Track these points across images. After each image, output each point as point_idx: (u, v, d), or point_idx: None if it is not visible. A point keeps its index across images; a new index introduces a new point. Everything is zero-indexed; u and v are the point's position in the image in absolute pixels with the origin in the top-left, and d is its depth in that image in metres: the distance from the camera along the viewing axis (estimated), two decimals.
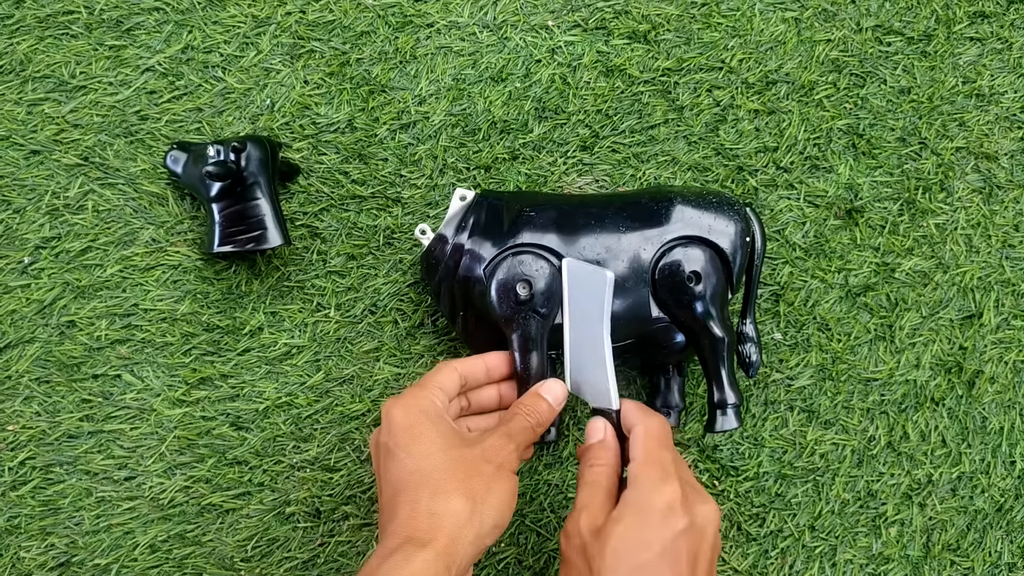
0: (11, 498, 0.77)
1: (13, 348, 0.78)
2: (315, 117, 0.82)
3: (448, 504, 0.58)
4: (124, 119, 0.80)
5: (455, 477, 0.60)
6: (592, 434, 0.66)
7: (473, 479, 0.60)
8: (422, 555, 0.56)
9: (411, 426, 0.62)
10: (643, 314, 0.72)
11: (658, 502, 0.59)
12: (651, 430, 0.63)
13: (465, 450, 0.62)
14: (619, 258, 0.72)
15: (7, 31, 0.80)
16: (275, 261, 0.80)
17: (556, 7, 0.85)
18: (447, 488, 0.59)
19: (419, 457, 0.60)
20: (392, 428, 0.62)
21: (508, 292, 0.71)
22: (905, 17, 0.88)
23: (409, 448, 0.61)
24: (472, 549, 0.59)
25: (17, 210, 0.79)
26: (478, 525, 0.59)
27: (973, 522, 0.83)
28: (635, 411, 0.65)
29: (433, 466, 0.60)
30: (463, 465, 0.61)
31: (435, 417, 0.63)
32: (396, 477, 0.60)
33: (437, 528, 0.58)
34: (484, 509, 0.59)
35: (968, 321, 0.85)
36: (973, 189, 0.87)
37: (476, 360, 0.70)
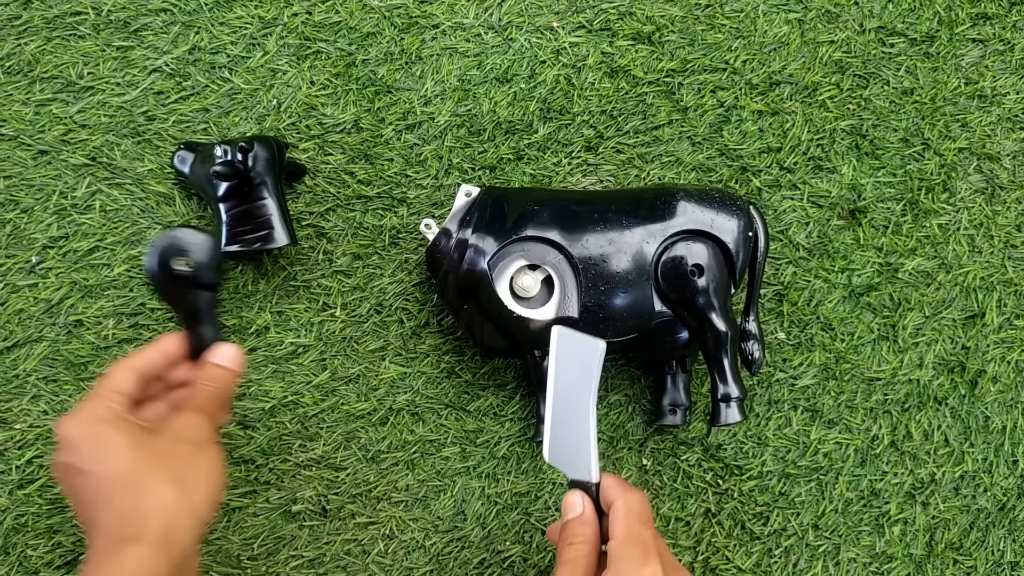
0: (18, 496, 0.77)
1: (21, 347, 0.78)
2: (321, 117, 0.82)
3: (154, 496, 0.57)
4: (131, 119, 0.81)
5: (154, 468, 0.58)
6: (570, 509, 0.63)
7: (173, 464, 0.59)
8: (134, 550, 0.55)
9: (90, 437, 0.59)
10: (646, 309, 0.72)
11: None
12: (632, 507, 0.61)
13: (156, 440, 0.60)
14: (622, 252, 0.72)
15: (15, 32, 0.80)
16: (281, 261, 0.81)
17: (561, 8, 0.85)
18: (149, 482, 0.58)
19: (109, 463, 0.58)
20: (71, 446, 0.59)
21: (165, 274, 0.68)
22: (908, 19, 0.88)
23: (96, 458, 0.58)
24: (191, 530, 0.58)
25: (25, 210, 0.79)
26: (192, 505, 0.58)
27: (976, 521, 0.83)
28: (616, 486, 0.63)
29: (126, 467, 0.58)
30: (158, 454, 0.59)
31: (114, 420, 0.60)
32: (92, 491, 0.58)
33: (147, 522, 0.56)
34: (193, 489, 0.59)
35: (971, 321, 0.86)
36: (976, 190, 0.87)
37: (148, 351, 0.66)
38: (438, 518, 0.80)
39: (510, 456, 0.81)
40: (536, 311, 0.73)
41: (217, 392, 0.66)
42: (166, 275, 0.67)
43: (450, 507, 0.80)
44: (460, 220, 0.75)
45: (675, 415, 0.79)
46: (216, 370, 0.67)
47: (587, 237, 0.73)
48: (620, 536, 0.60)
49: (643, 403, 0.83)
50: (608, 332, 0.73)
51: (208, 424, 0.64)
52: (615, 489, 0.63)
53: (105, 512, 0.57)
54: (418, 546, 0.80)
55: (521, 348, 0.76)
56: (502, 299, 0.72)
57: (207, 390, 0.65)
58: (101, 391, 0.62)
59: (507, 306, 0.72)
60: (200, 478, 0.60)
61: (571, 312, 0.72)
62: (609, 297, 0.72)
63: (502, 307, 0.72)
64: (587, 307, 0.72)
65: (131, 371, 0.64)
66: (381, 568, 0.79)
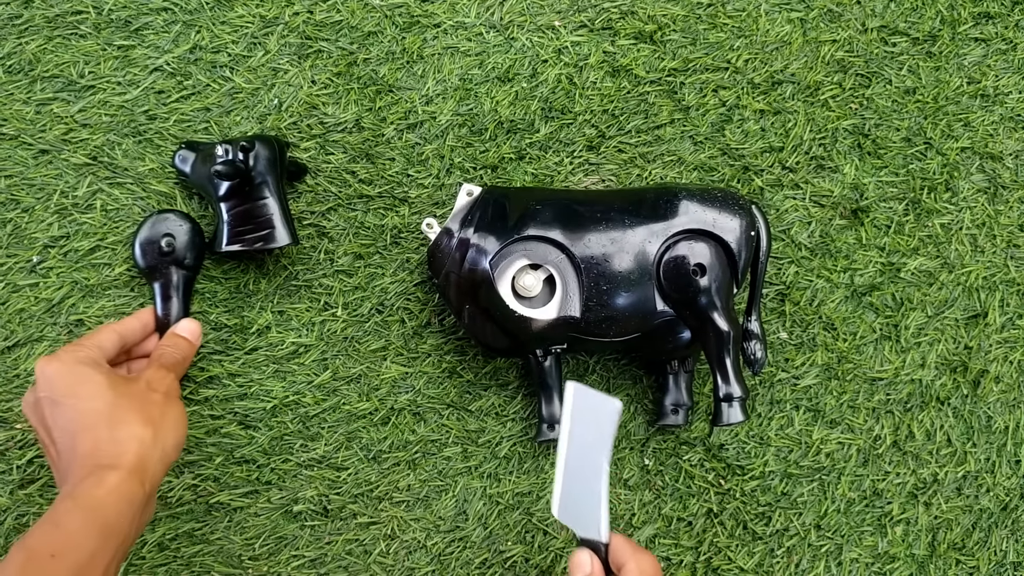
0: (19, 496, 0.77)
1: (22, 347, 0.78)
2: (323, 117, 0.82)
3: (131, 430, 0.63)
4: (132, 119, 0.81)
5: (131, 408, 0.65)
6: (578, 568, 0.63)
7: (147, 407, 0.65)
8: (113, 475, 0.61)
9: (71, 373, 0.65)
10: (648, 308, 0.72)
11: None
12: (644, 570, 0.62)
13: (132, 385, 0.67)
14: (624, 251, 0.72)
15: (16, 31, 0.80)
16: (283, 260, 0.81)
17: (562, 8, 0.85)
18: (126, 418, 0.64)
19: (88, 399, 0.64)
20: (51, 381, 0.65)
21: (150, 247, 0.77)
22: (910, 18, 0.88)
23: (76, 392, 0.64)
24: (160, 467, 0.64)
25: (26, 209, 0.79)
26: (162, 446, 0.64)
27: (978, 521, 0.83)
28: (626, 547, 0.63)
29: (105, 403, 0.64)
30: (135, 397, 0.66)
31: (94, 364, 0.67)
32: (69, 421, 0.64)
33: (124, 452, 0.62)
34: (164, 432, 0.65)
35: (973, 321, 0.85)
36: (978, 189, 0.87)
37: (130, 320, 0.75)
38: (440, 518, 0.80)
39: (512, 456, 0.81)
40: (538, 311, 0.73)
41: (180, 358, 0.73)
42: (151, 249, 0.77)
43: (452, 507, 0.80)
44: (462, 219, 0.75)
45: (677, 415, 0.79)
46: (179, 339, 0.75)
47: (589, 236, 0.72)
48: None
49: (645, 403, 0.82)
50: (610, 331, 0.73)
51: (175, 381, 0.71)
52: (625, 551, 0.63)
53: (83, 441, 0.63)
54: (420, 546, 0.80)
55: (523, 348, 0.76)
56: (504, 298, 0.72)
57: (172, 353, 0.73)
58: (84, 342, 0.69)
59: (509, 305, 0.72)
60: (169, 423, 0.66)
61: (573, 312, 0.72)
62: (611, 296, 0.72)
63: (504, 306, 0.72)
64: (589, 306, 0.72)
65: (114, 333, 0.72)
66: (383, 568, 0.79)
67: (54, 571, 0.57)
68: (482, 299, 0.73)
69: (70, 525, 0.58)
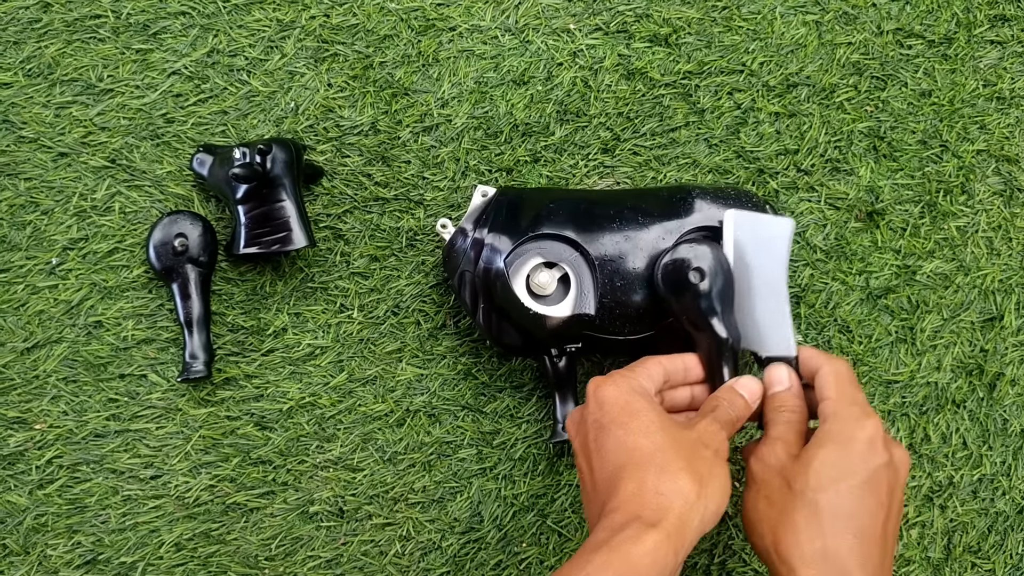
0: (38, 496, 0.77)
1: (41, 348, 0.79)
2: (339, 120, 0.82)
3: (676, 484, 0.56)
4: (151, 122, 0.81)
5: (680, 456, 0.58)
6: (776, 381, 0.65)
7: (696, 461, 0.58)
8: (652, 535, 0.54)
9: (627, 403, 0.60)
10: (662, 306, 0.72)
11: (861, 435, 0.60)
12: (842, 371, 0.63)
13: (684, 431, 0.60)
14: (639, 249, 0.72)
15: (35, 35, 0.81)
16: (299, 262, 0.81)
17: (577, 11, 0.85)
18: (673, 467, 0.57)
19: (638, 434, 0.59)
20: (604, 405, 0.60)
21: (164, 248, 0.78)
22: (926, 20, 0.88)
23: (627, 424, 0.59)
24: (696, 535, 0.57)
25: (45, 212, 0.80)
26: (703, 508, 0.57)
27: (994, 524, 0.83)
28: (819, 355, 0.65)
29: (655, 444, 0.58)
30: (685, 446, 0.59)
31: (648, 397, 0.62)
32: (615, 452, 0.59)
33: (666, 508, 0.56)
34: (709, 492, 0.58)
35: (989, 323, 0.85)
36: (994, 192, 0.87)
37: (676, 359, 0.68)
38: (455, 519, 0.80)
39: (527, 458, 0.81)
40: (552, 308, 0.73)
41: (734, 418, 0.64)
42: (165, 250, 0.77)
43: (466, 508, 0.80)
44: (476, 219, 0.75)
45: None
46: (737, 397, 0.66)
47: (603, 234, 0.73)
48: (835, 396, 0.63)
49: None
50: (624, 329, 0.73)
51: (727, 439, 0.63)
52: (818, 357, 0.65)
53: (627, 481, 0.57)
54: (435, 547, 0.80)
55: (538, 347, 0.76)
56: (519, 296, 0.73)
57: (728, 409, 0.64)
58: (636, 370, 0.64)
59: (524, 303, 0.73)
60: (717, 484, 0.59)
61: (588, 309, 0.73)
62: (626, 294, 0.72)
63: (519, 304, 0.73)
64: (604, 304, 0.72)
65: (661, 367, 0.66)
66: (398, 569, 0.79)
67: None
68: (497, 298, 0.73)
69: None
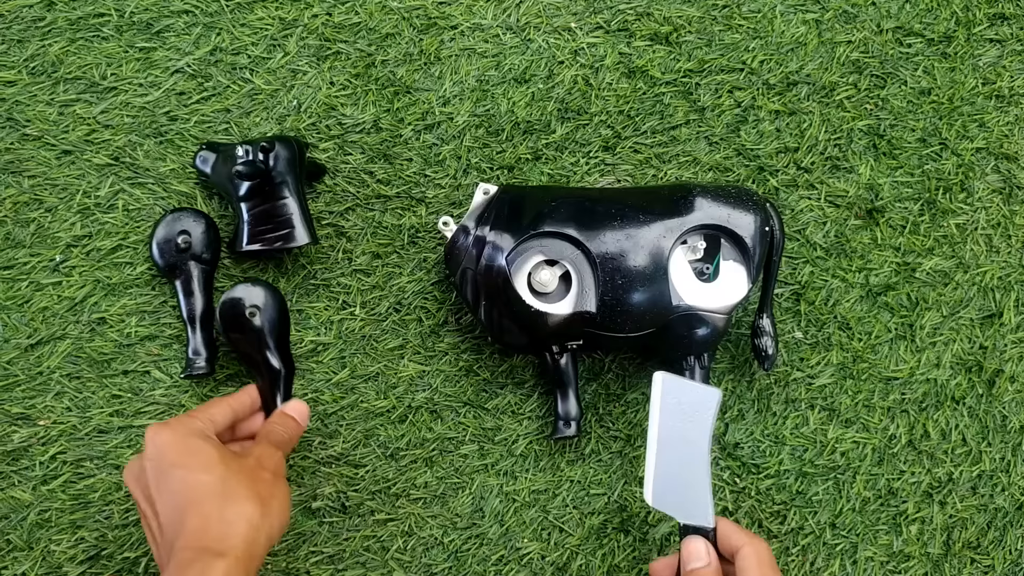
0: (42, 492, 0.78)
1: (45, 344, 0.79)
2: (341, 118, 0.83)
3: (241, 508, 0.61)
4: (154, 120, 0.82)
5: (240, 484, 0.62)
6: (695, 557, 0.65)
7: (257, 484, 0.63)
8: (221, 564, 0.57)
9: (183, 443, 0.63)
10: (663, 303, 0.73)
11: None
12: (763, 554, 0.63)
13: (242, 460, 0.64)
14: (640, 247, 0.73)
15: (39, 33, 0.81)
16: (302, 260, 0.82)
17: (579, 9, 0.86)
18: (236, 495, 0.61)
19: (199, 470, 0.62)
20: (161, 450, 0.63)
21: (167, 245, 0.79)
22: (925, 19, 0.88)
23: (187, 464, 0.62)
24: (264, 551, 0.61)
25: (49, 209, 0.80)
26: (268, 527, 0.62)
27: (993, 520, 0.83)
28: (740, 532, 0.65)
29: (216, 477, 0.61)
30: (245, 472, 0.63)
31: (205, 436, 0.65)
32: (178, 493, 0.61)
33: (233, 535, 0.59)
34: (271, 512, 0.62)
35: (988, 320, 0.86)
36: (993, 189, 0.87)
37: (241, 394, 0.74)
38: (456, 515, 0.81)
39: (528, 454, 0.82)
40: (554, 306, 0.74)
41: (288, 438, 0.71)
42: (168, 247, 0.78)
43: (468, 504, 0.81)
44: (478, 217, 0.75)
45: None
46: (288, 419, 0.72)
47: (605, 232, 0.73)
48: None
49: None
50: (625, 326, 0.73)
51: (282, 459, 0.68)
52: (739, 535, 0.65)
53: (192, 517, 0.60)
54: (437, 543, 0.80)
55: (539, 344, 0.76)
56: (520, 294, 0.73)
57: (281, 432, 0.71)
58: (196, 414, 0.67)
59: (525, 301, 0.73)
60: (277, 504, 0.63)
61: (589, 307, 0.73)
62: (627, 292, 0.73)
63: (520, 302, 0.73)
64: (605, 302, 0.73)
65: (227, 407, 0.70)
66: (400, 564, 0.80)
67: None
68: (499, 295, 0.74)
69: None
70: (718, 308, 0.74)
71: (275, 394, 0.76)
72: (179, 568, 0.57)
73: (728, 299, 0.74)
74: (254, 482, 0.63)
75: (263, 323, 0.76)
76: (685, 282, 0.74)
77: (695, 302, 0.74)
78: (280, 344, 0.77)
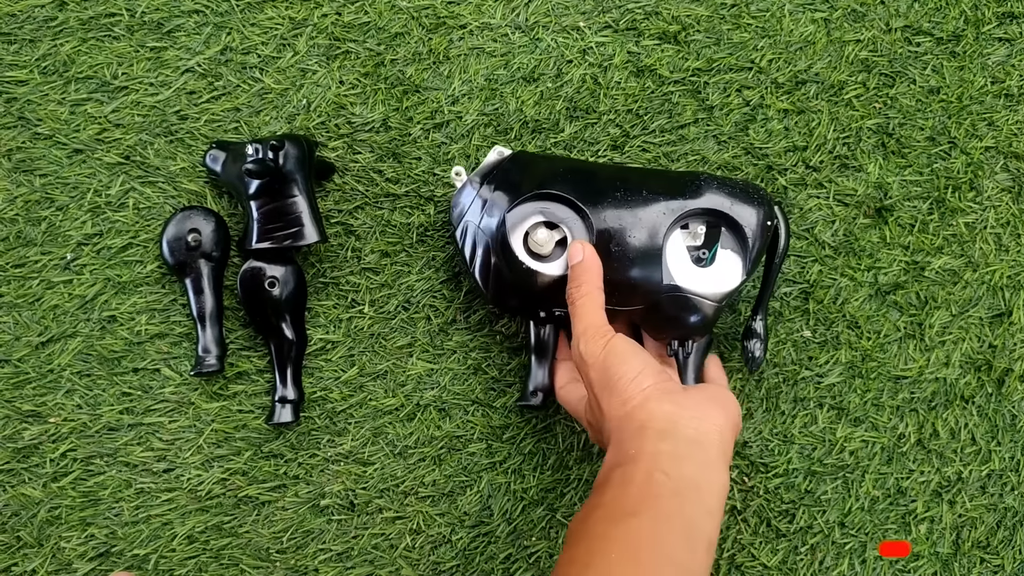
0: (52, 489, 0.78)
1: (56, 342, 0.79)
2: (350, 117, 0.83)
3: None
4: (164, 119, 0.82)
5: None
6: (574, 255, 0.72)
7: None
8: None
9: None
10: (654, 280, 0.73)
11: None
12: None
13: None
14: (640, 221, 0.73)
15: (51, 33, 0.82)
16: (311, 258, 0.82)
17: (587, 8, 0.86)
18: None
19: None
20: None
21: (177, 243, 0.80)
22: (934, 18, 0.88)
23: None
24: None
25: (60, 207, 0.81)
26: None
27: (1003, 519, 0.83)
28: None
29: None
30: None
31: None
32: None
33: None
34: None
35: (998, 319, 0.85)
36: (1002, 188, 0.87)
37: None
38: (464, 513, 0.81)
39: (536, 452, 0.82)
40: (546, 266, 0.74)
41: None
42: (179, 245, 0.78)
43: (476, 503, 0.81)
44: (486, 174, 0.77)
45: None
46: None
47: (607, 202, 0.73)
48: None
49: None
50: (613, 300, 0.72)
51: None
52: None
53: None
54: (445, 541, 0.80)
55: (528, 305, 0.76)
56: (515, 250, 0.73)
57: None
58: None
59: (518, 257, 0.73)
60: None
61: None
62: (621, 263, 0.73)
63: (514, 258, 0.73)
64: None
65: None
66: (408, 562, 0.80)
67: None
68: (495, 250, 0.74)
69: None
70: (708, 294, 0.73)
71: (285, 364, 0.78)
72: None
73: (719, 287, 0.74)
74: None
75: (281, 295, 0.78)
76: (679, 263, 0.74)
77: (686, 284, 0.73)
78: (295, 317, 0.79)
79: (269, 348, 0.79)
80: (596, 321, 0.68)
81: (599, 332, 0.67)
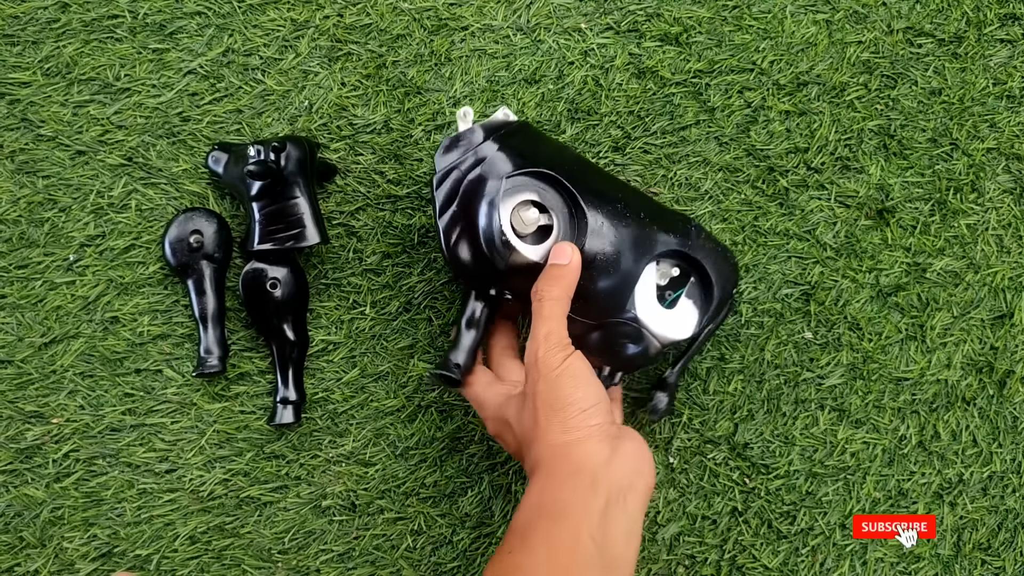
0: (55, 490, 0.78)
1: (58, 343, 0.80)
2: (352, 118, 0.83)
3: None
4: (167, 120, 0.82)
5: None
6: (559, 255, 0.69)
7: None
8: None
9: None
10: (619, 303, 0.72)
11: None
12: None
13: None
14: (624, 241, 0.71)
15: (54, 35, 0.82)
16: (313, 259, 0.82)
17: (589, 10, 0.86)
18: None
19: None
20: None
21: (179, 245, 0.79)
22: (936, 19, 0.88)
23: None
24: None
25: (63, 209, 0.81)
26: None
27: (1004, 521, 0.83)
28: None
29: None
30: None
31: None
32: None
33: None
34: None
35: (999, 321, 0.85)
36: (1004, 190, 0.87)
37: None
38: (465, 514, 0.81)
39: None
40: (524, 246, 0.70)
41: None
42: (181, 247, 0.79)
43: (477, 504, 0.81)
44: (492, 129, 0.72)
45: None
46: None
47: (607, 211, 0.71)
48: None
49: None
50: (574, 307, 0.69)
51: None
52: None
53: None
54: (446, 541, 0.80)
55: (481, 277, 0.72)
56: (502, 218, 0.69)
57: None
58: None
59: (502, 226, 0.68)
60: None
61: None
62: (600, 276, 0.71)
63: (497, 225, 0.69)
64: None
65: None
66: (409, 563, 0.80)
67: None
68: (478, 209, 0.69)
69: None
70: (660, 335, 0.73)
71: (287, 365, 0.79)
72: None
73: (672, 333, 0.74)
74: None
75: (282, 296, 0.78)
76: (645, 296, 0.73)
77: (645, 318, 0.73)
78: (297, 318, 0.79)
79: (271, 349, 0.79)
80: (558, 330, 0.66)
81: (560, 344, 0.66)
